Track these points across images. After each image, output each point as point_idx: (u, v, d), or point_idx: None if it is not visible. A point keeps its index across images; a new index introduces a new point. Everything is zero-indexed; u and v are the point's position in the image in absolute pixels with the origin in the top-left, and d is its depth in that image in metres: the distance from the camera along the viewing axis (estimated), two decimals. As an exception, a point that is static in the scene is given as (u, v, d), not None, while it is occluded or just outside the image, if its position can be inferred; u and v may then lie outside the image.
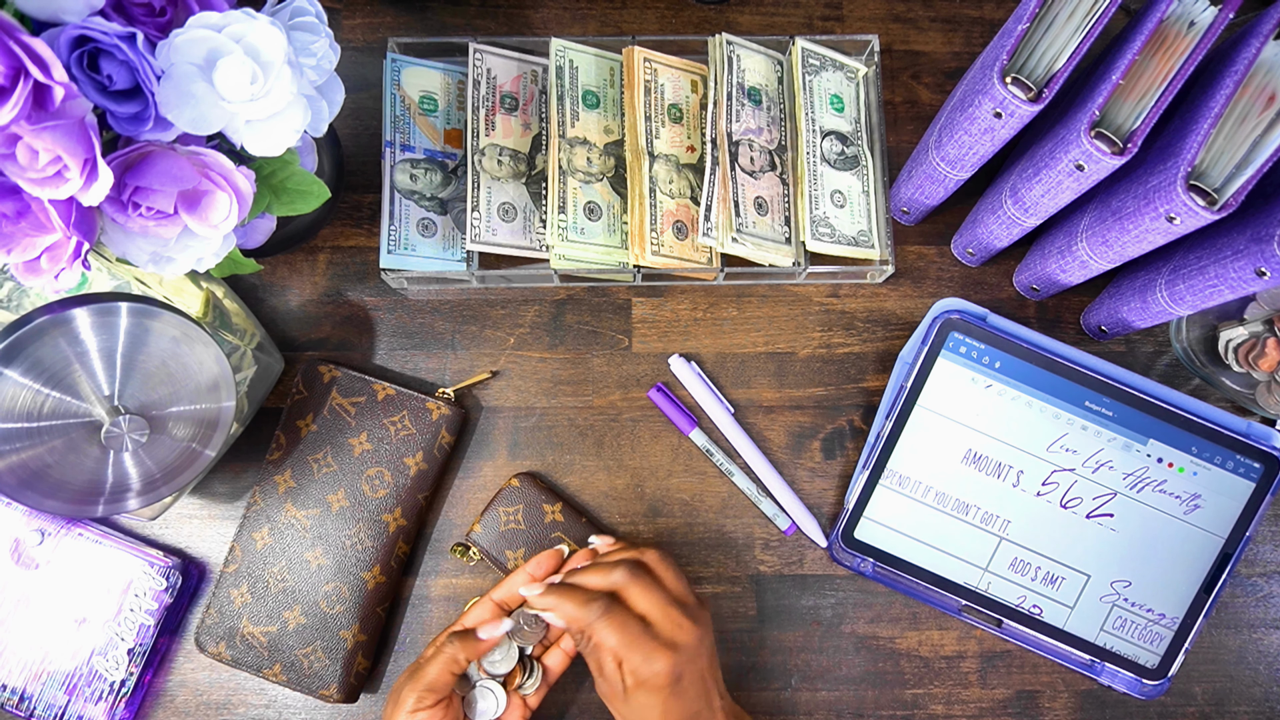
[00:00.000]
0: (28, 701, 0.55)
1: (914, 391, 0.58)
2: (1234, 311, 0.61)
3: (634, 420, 0.62)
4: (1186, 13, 0.46)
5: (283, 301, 0.63)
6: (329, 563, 0.57)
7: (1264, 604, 0.61)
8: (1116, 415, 0.57)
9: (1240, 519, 0.57)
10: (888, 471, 0.58)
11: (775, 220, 0.60)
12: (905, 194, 0.61)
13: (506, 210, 0.59)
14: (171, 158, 0.41)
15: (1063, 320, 0.64)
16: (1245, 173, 0.45)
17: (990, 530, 0.58)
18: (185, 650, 0.59)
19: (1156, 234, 0.49)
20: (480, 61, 0.60)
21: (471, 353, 0.63)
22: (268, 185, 0.48)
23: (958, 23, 0.68)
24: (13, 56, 0.35)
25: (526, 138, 0.61)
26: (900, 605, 0.61)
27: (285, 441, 0.59)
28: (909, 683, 0.60)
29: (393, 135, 0.60)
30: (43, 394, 0.43)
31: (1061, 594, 0.58)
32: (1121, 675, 0.58)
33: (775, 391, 0.63)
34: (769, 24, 0.67)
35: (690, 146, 0.61)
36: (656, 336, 0.63)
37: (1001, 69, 0.46)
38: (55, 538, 0.56)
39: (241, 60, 0.39)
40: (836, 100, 0.63)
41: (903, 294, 0.64)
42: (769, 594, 0.61)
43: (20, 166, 0.37)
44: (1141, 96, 0.47)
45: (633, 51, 0.60)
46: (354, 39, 0.66)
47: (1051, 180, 0.50)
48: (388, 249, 0.59)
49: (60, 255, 0.41)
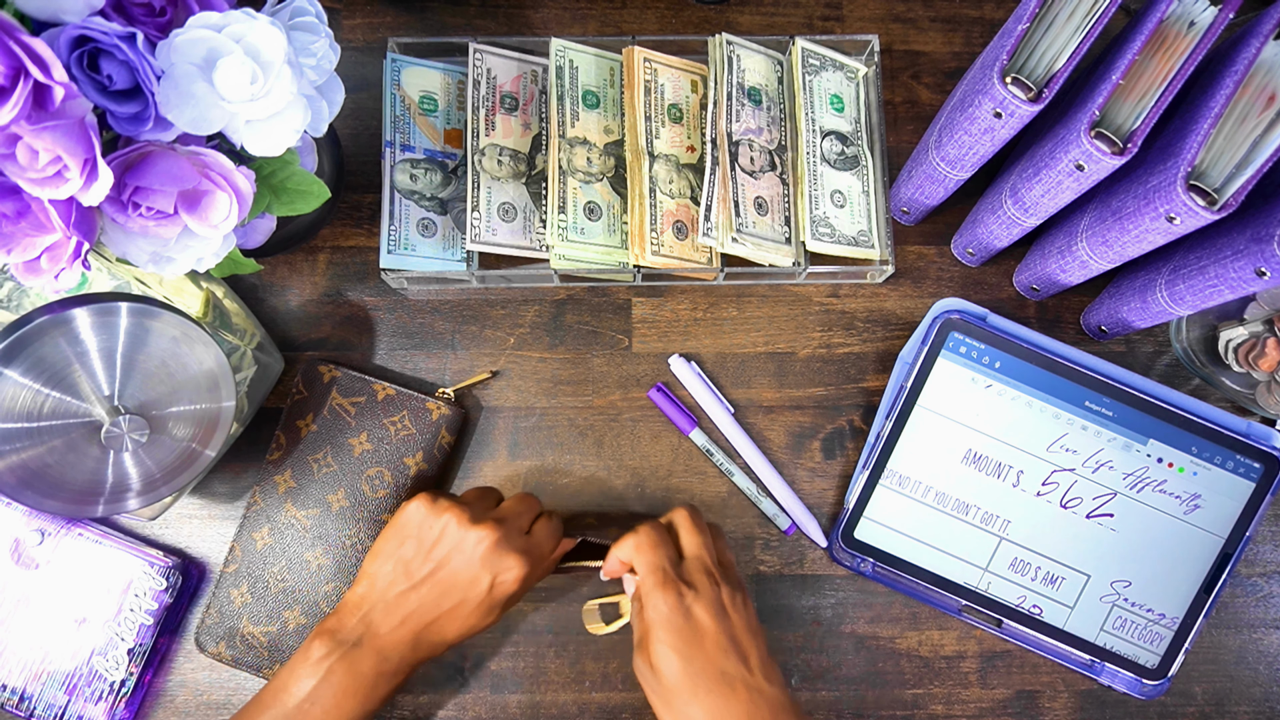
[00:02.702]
0: (28, 701, 0.55)
1: (914, 391, 0.58)
2: (1234, 311, 0.61)
3: (634, 420, 0.62)
4: (1186, 13, 0.46)
5: (283, 301, 0.63)
6: (329, 563, 0.57)
7: (1264, 604, 0.61)
8: (1116, 415, 0.57)
9: (1240, 519, 0.57)
10: (888, 471, 0.58)
11: (775, 220, 0.60)
12: (905, 194, 0.61)
13: (506, 210, 0.59)
14: (171, 158, 0.41)
15: (1063, 320, 0.64)
16: (1245, 173, 0.45)
17: (990, 530, 0.58)
18: (185, 650, 0.59)
19: (1156, 234, 0.49)
20: (480, 61, 0.60)
21: (471, 353, 0.63)
22: (268, 185, 0.48)
23: (958, 23, 0.68)
24: (13, 56, 0.35)
25: (526, 138, 0.61)
26: (900, 605, 0.61)
27: (285, 441, 0.59)
28: (909, 683, 0.60)
29: (393, 135, 0.60)
30: (43, 394, 0.43)
31: (1061, 594, 0.58)
32: (1121, 675, 0.58)
33: (775, 391, 0.63)
34: (769, 24, 0.67)
35: (690, 146, 0.61)
36: (656, 336, 0.63)
37: (1001, 69, 0.46)
38: (55, 538, 0.56)
39: (241, 60, 0.39)
40: (836, 100, 0.63)
41: (903, 294, 0.64)
42: (769, 594, 0.61)
43: (20, 166, 0.37)
44: (1141, 96, 0.47)
45: (633, 51, 0.60)
46: (354, 39, 0.66)
47: (1051, 180, 0.50)
48: (388, 249, 0.59)
49: (60, 255, 0.41)
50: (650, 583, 0.48)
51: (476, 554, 0.49)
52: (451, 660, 0.59)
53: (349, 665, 0.48)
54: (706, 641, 0.46)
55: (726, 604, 0.48)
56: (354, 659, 0.48)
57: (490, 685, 0.59)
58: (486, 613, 0.50)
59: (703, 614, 0.47)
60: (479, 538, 0.50)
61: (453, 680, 0.59)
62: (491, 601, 0.50)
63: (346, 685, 0.48)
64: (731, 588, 0.49)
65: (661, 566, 0.48)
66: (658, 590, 0.47)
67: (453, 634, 0.50)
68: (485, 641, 0.59)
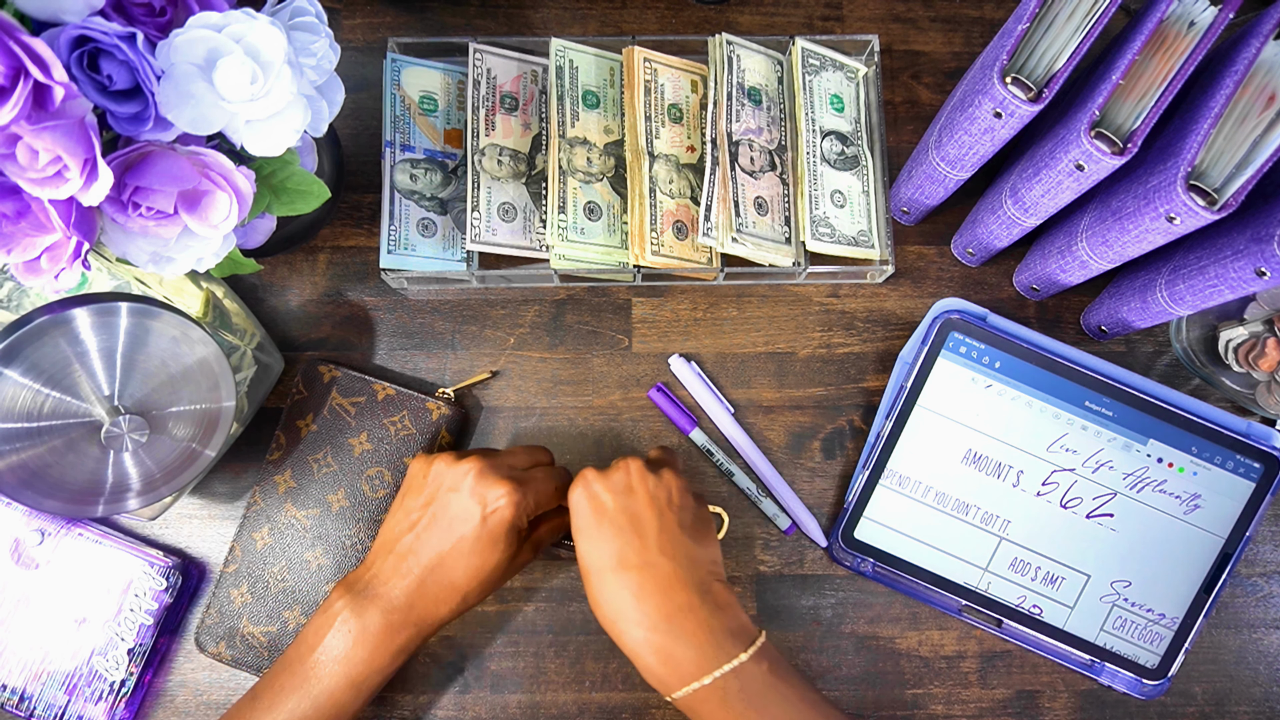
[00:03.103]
0: (28, 701, 0.55)
1: (914, 391, 0.58)
2: (1234, 311, 0.61)
3: (634, 420, 0.62)
4: (1186, 13, 0.46)
5: (283, 301, 0.63)
6: (329, 563, 0.57)
7: (1264, 604, 0.61)
8: (1116, 415, 0.57)
9: (1240, 519, 0.57)
10: (888, 471, 0.58)
11: (775, 220, 0.60)
12: (905, 194, 0.61)
13: (506, 210, 0.59)
14: (171, 158, 0.41)
15: (1063, 320, 0.64)
16: (1245, 173, 0.45)
17: (990, 530, 0.58)
18: (185, 650, 0.59)
19: (1156, 234, 0.49)
20: (480, 61, 0.60)
21: (471, 353, 0.63)
22: (268, 185, 0.48)
23: (958, 23, 0.68)
24: (13, 56, 0.35)
25: (526, 138, 0.61)
26: (900, 605, 0.61)
27: (285, 441, 0.59)
28: (909, 683, 0.60)
29: (393, 135, 0.60)
30: (43, 394, 0.43)
31: (1061, 594, 0.58)
32: (1121, 675, 0.58)
33: (775, 391, 0.63)
34: (769, 24, 0.67)
35: (690, 146, 0.61)
36: (656, 336, 0.63)
37: (1001, 69, 0.46)
38: (55, 538, 0.56)
39: (241, 60, 0.39)
40: (836, 100, 0.63)
41: (903, 294, 0.64)
42: (769, 594, 0.61)
43: (20, 166, 0.37)
44: (1141, 96, 0.47)
45: (633, 51, 0.60)
46: (354, 39, 0.66)
47: (1051, 180, 0.50)
48: (388, 249, 0.59)
49: (60, 255, 0.41)
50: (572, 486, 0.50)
51: (464, 485, 0.50)
52: (451, 660, 0.59)
53: (357, 613, 0.48)
54: (606, 522, 0.48)
55: (634, 483, 0.49)
56: (360, 608, 0.48)
57: (490, 685, 0.59)
58: (489, 547, 0.49)
59: (607, 494, 0.48)
60: (465, 469, 0.50)
61: (453, 680, 0.59)
62: (490, 533, 0.49)
63: (355, 633, 0.48)
64: (648, 466, 0.50)
65: (582, 471, 0.50)
66: (573, 487, 0.49)
67: (460, 575, 0.49)
68: (485, 641, 0.59)
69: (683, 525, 0.49)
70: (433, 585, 0.49)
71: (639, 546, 0.47)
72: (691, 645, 0.46)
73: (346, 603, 0.49)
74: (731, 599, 0.49)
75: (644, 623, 0.46)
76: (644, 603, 0.46)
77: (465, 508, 0.49)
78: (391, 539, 0.51)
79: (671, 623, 0.46)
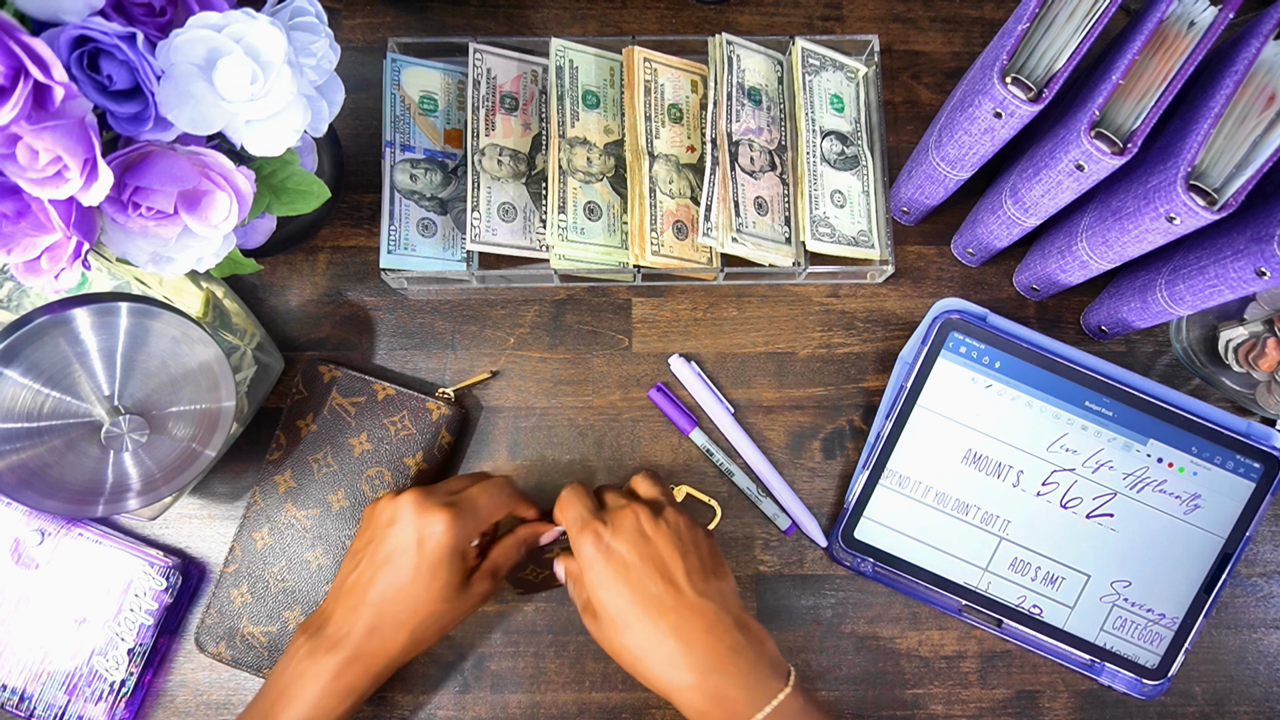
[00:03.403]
0: (28, 701, 0.55)
1: (914, 391, 0.58)
2: (1234, 311, 0.61)
3: (634, 420, 0.62)
4: (1186, 13, 0.46)
5: (283, 301, 0.63)
6: (329, 563, 0.57)
7: (1264, 604, 0.61)
8: (1116, 415, 0.57)
9: (1240, 519, 0.57)
10: (888, 471, 0.58)
11: (775, 220, 0.60)
12: (905, 194, 0.61)
13: (506, 210, 0.59)
14: (171, 158, 0.41)
15: (1063, 320, 0.64)
16: (1245, 173, 0.45)
17: (990, 530, 0.58)
18: (185, 650, 0.59)
19: (1156, 234, 0.49)
20: (480, 61, 0.60)
21: (471, 353, 0.63)
22: (268, 185, 0.48)
23: (958, 23, 0.68)
24: (13, 56, 0.35)
25: (526, 138, 0.61)
26: (900, 605, 0.61)
27: (285, 441, 0.59)
28: (909, 683, 0.60)
29: (393, 135, 0.60)
30: (43, 394, 0.43)
31: (1061, 594, 0.58)
32: (1121, 675, 0.58)
33: (775, 391, 0.63)
34: (769, 24, 0.67)
35: (690, 146, 0.61)
36: (656, 336, 0.63)
37: (1001, 69, 0.46)
38: (55, 538, 0.56)
39: (241, 60, 0.39)
40: (836, 100, 0.63)
41: (903, 294, 0.64)
42: (769, 594, 0.61)
43: (20, 166, 0.37)
44: (1141, 96, 0.47)
45: (633, 51, 0.60)
46: (354, 39, 0.66)
47: (1051, 180, 0.50)
48: (388, 249, 0.59)
49: (60, 255, 0.41)
50: (573, 533, 0.50)
51: (401, 517, 0.50)
52: (451, 660, 0.59)
53: (309, 655, 0.49)
54: (631, 573, 0.48)
55: (646, 529, 0.49)
56: (312, 649, 0.49)
57: (490, 685, 0.59)
58: (429, 575, 0.49)
59: (622, 545, 0.48)
60: (401, 502, 0.51)
61: (453, 680, 0.59)
62: (428, 561, 0.49)
63: (305, 674, 0.48)
64: (650, 509, 0.50)
65: (580, 516, 0.50)
66: (579, 538, 0.49)
67: (405, 609, 0.49)
68: (485, 641, 0.59)
69: (703, 561, 0.49)
70: (380, 622, 0.49)
71: (672, 591, 0.47)
72: (744, 686, 0.46)
73: (302, 644, 0.49)
74: (764, 631, 0.49)
75: (696, 667, 0.46)
76: (693, 647, 0.46)
77: (403, 539, 0.50)
78: (341, 579, 0.52)
79: (724, 664, 0.46)
